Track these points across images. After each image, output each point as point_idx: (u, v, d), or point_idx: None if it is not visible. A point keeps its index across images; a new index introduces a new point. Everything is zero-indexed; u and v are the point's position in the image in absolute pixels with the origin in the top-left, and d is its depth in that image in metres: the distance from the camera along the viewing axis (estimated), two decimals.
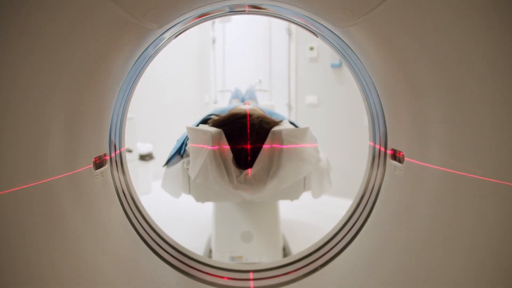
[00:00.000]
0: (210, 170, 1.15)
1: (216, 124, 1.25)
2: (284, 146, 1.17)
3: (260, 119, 1.24)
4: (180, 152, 1.48)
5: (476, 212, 0.75)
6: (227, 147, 1.17)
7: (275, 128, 1.22)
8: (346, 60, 1.29)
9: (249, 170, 1.19)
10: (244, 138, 1.19)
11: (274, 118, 1.43)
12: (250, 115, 1.23)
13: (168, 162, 1.54)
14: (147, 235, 1.20)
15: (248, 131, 1.20)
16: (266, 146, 1.19)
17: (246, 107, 1.44)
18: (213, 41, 4.26)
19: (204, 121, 1.44)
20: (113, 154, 1.16)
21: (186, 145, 1.42)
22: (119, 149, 1.24)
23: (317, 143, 1.38)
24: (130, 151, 3.30)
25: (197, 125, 1.44)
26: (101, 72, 0.88)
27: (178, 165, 1.47)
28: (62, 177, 0.84)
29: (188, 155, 1.40)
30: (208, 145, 1.15)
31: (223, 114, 1.35)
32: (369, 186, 1.29)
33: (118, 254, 1.04)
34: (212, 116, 1.41)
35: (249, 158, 1.21)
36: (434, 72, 0.80)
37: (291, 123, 1.52)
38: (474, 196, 0.75)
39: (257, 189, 1.19)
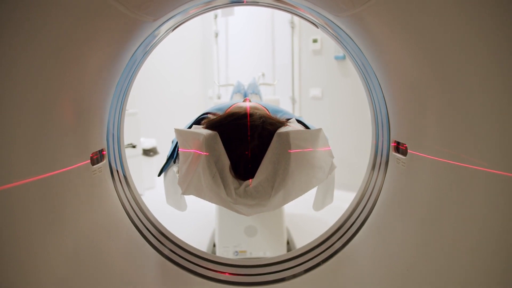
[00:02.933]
0: (204, 181, 0.98)
1: (210, 125, 1.07)
2: (292, 151, 0.99)
3: (263, 119, 1.05)
4: (173, 156, 1.32)
5: (482, 205, 0.73)
6: (223, 153, 0.99)
7: (281, 130, 1.03)
8: (348, 51, 1.26)
9: (250, 181, 1.01)
10: (244, 142, 1.01)
11: (280, 116, 1.26)
12: (251, 115, 1.05)
13: (161, 172, 1.40)
14: (147, 231, 1.20)
15: (249, 133, 1.01)
16: (270, 151, 1.00)
17: (246, 104, 1.26)
18: (216, 35, 4.23)
19: (199, 121, 1.28)
20: (111, 150, 1.15)
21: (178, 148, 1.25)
22: (118, 144, 1.23)
23: (330, 146, 1.19)
24: (134, 146, 3.30)
25: (190, 126, 1.27)
26: (93, 67, 0.87)
27: (171, 175, 1.31)
28: (58, 173, 0.84)
29: None
30: (200, 151, 0.99)
31: (220, 113, 1.18)
32: (372, 178, 1.28)
33: (116, 251, 1.04)
34: (208, 115, 1.23)
35: (250, 166, 1.03)
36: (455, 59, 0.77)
37: (300, 122, 1.32)
38: (480, 189, 0.73)
39: (260, 203, 1.01)
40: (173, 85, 4.27)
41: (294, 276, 1.18)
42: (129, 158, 1.35)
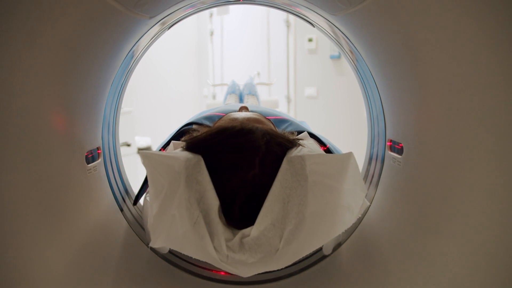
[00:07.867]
0: (181, 229, 0.67)
1: (192, 145, 0.75)
2: (310, 184, 0.69)
3: (267, 137, 0.73)
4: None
5: (479, 205, 0.74)
6: (210, 188, 0.69)
7: (293, 153, 0.72)
8: (344, 50, 1.27)
9: (249, 229, 0.70)
10: (240, 172, 0.71)
11: (285, 128, 0.97)
12: (251, 131, 0.73)
13: (136, 200, 1.10)
14: (142, 230, 1.19)
15: (248, 158, 0.71)
16: (277, 185, 0.69)
17: (242, 115, 0.94)
18: (211, 34, 4.23)
19: (180, 135, 0.98)
20: (107, 148, 1.15)
21: None
22: (114, 142, 1.22)
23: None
24: (128, 145, 3.28)
25: (168, 143, 0.99)
26: (88, 64, 0.87)
27: (148, 206, 0.91)
28: (53, 172, 0.83)
29: None
30: (177, 185, 0.69)
31: (209, 124, 0.88)
32: (368, 178, 1.28)
33: (111, 250, 1.04)
34: (193, 127, 0.90)
35: (248, 207, 0.72)
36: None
37: (314, 136, 0.99)
38: (479, 188, 0.74)
39: (262, 260, 0.69)
40: (168, 83, 4.27)
41: (290, 275, 1.18)
42: (123, 157, 1.34)
